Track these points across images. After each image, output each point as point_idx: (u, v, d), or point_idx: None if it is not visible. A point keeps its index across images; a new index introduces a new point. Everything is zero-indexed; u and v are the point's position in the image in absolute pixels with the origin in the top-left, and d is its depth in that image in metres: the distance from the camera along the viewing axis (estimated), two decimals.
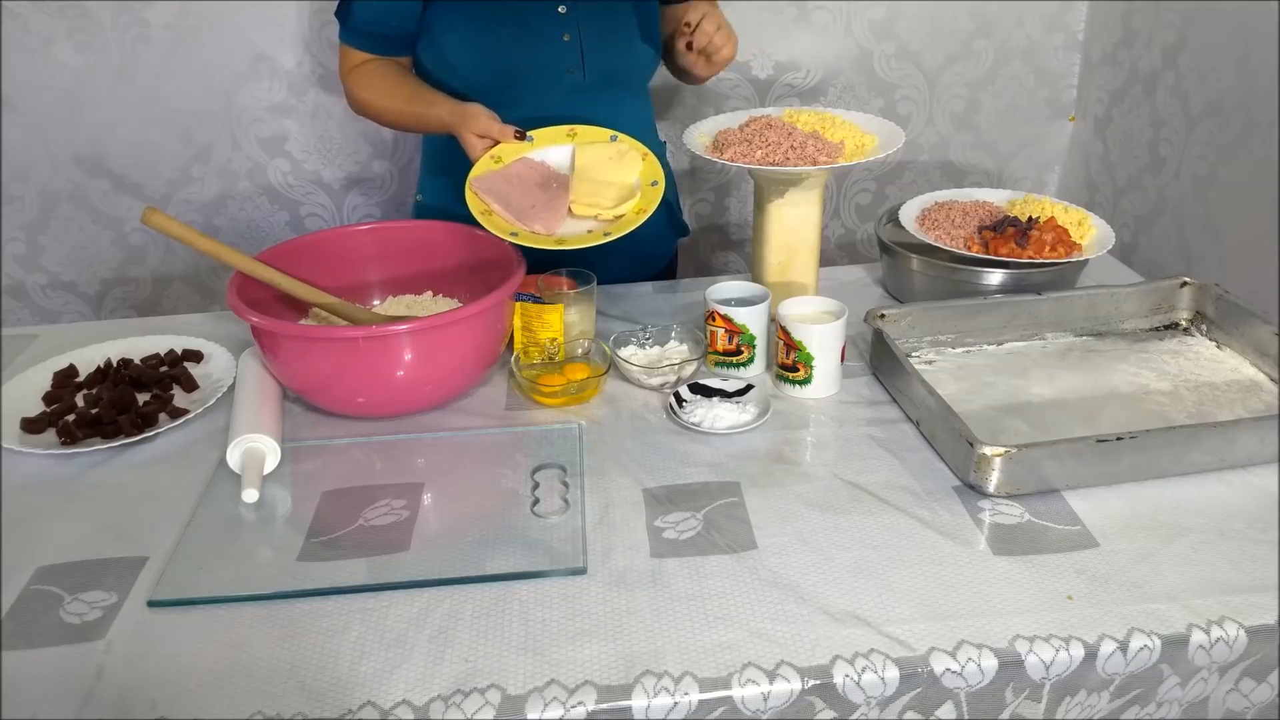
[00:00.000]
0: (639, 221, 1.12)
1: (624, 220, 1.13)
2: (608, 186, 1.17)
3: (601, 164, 1.20)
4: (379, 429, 1.06)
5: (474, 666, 0.75)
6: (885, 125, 1.22)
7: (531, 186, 1.18)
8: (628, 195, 1.16)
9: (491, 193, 1.15)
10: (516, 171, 1.19)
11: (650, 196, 1.15)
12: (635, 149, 1.21)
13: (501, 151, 1.19)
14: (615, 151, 1.21)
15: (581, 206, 1.16)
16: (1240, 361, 1.14)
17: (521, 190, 1.17)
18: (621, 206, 1.15)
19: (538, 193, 1.17)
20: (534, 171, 1.20)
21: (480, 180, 1.16)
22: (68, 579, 0.85)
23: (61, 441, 1.04)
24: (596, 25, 1.27)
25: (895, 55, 1.96)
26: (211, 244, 1.06)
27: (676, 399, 1.08)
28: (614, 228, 1.12)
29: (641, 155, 1.20)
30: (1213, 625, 0.78)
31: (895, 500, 0.93)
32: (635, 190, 1.17)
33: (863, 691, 0.74)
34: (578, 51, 1.27)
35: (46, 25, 1.71)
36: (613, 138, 1.22)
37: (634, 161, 1.20)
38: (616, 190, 1.17)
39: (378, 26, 1.28)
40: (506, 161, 1.19)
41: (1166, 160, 1.74)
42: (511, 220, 1.14)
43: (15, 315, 1.94)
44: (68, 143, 1.81)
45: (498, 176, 1.17)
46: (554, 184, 1.19)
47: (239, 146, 1.86)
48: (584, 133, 1.23)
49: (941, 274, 1.26)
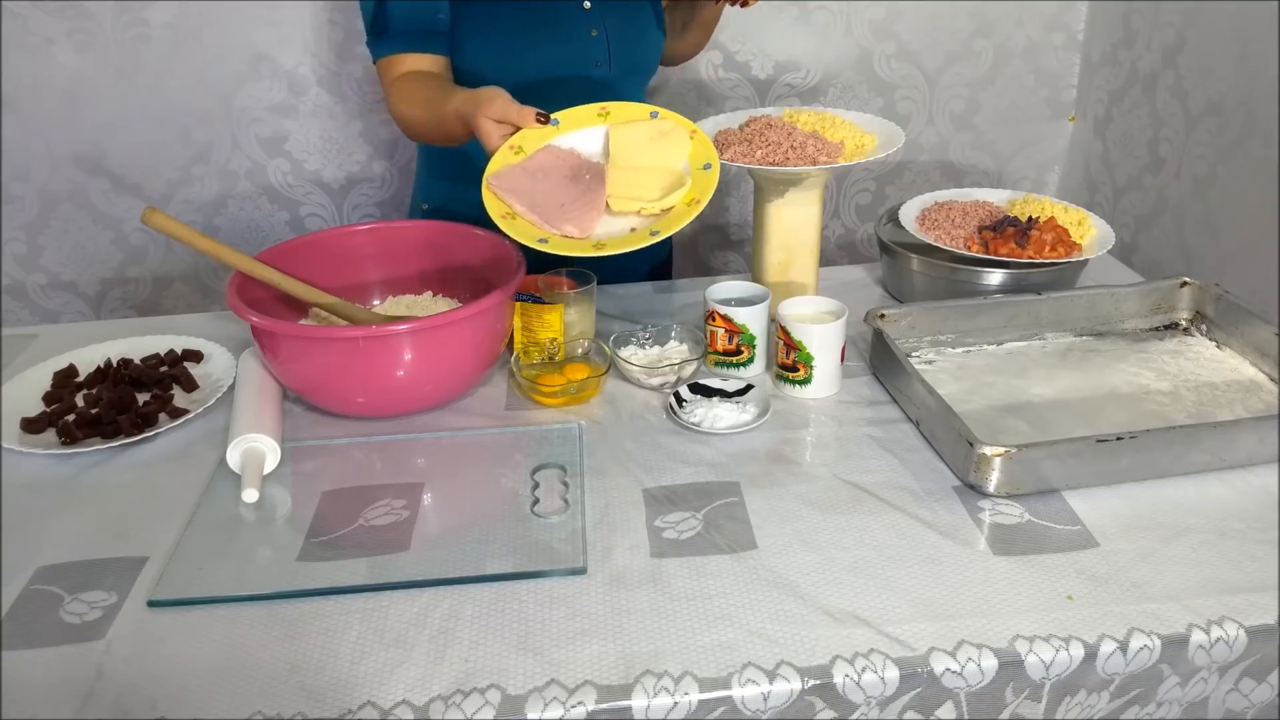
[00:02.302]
0: (691, 215, 0.96)
1: (673, 214, 0.97)
2: (649, 174, 1.01)
3: (641, 146, 1.03)
4: (379, 429, 1.06)
5: (474, 666, 0.75)
6: (885, 125, 1.22)
7: (560, 180, 1.02)
8: (675, 183, 1.00)
9: (513, 191, 1.00)
10: (541, 163, 1.03)
11: (703, 183, 0.98)
12: (682, 125, 1.04)
13: (523, 140, 1.03)
14: (656, 130, 1.03)
15: (620, 200, 1.00)
16: (1240, 361, 1.14)
17: (549, 185, 1.02)
18: (669, 197, 0.99)
19: (568, 187, 1.02)
20: (562, 162, 1.04)
21: (499, 177, 1.01)
22: (68, 579, 0.85)
23: (61, 441, 1.04)
24: (619, 18, 1.29)
25: (895, 55, 1.96)
26: (211, 244, 1.06)
27: (676, 399, 1.08)
28: (662, 224, 0.95)
29: (690, 133, 1.03)
30: (1213, 625, 0.78)
31: (895, 500, 0.93)
32: (684, 176, 1.01)
33: (863, 691, 0.74)
34: (604, 46, 1.28)
35: (46, 25, 1.71)
36: (654, 114, 1.05)
37: (680, 141, 1.03)
38: (661, 177, 1.01)
39: (417, 22, 1.22)
40: (529, 152, 1.03)
41: (1166, 160, 1.74)
42: (539, 223, 0.98)
43: (15, 315, 1.94)
44: (68, 143, 1.81)
45: (519, 171, 1.02)
46: (587, 175, 1.03)
47: (239, 146, 1.87)
48: (618, 110, 1.06)
49: (941, 274, 1.26)
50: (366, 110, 1.88)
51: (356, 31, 1.80)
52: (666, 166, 1.02)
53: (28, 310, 1.95)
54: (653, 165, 1.02)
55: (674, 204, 0.99)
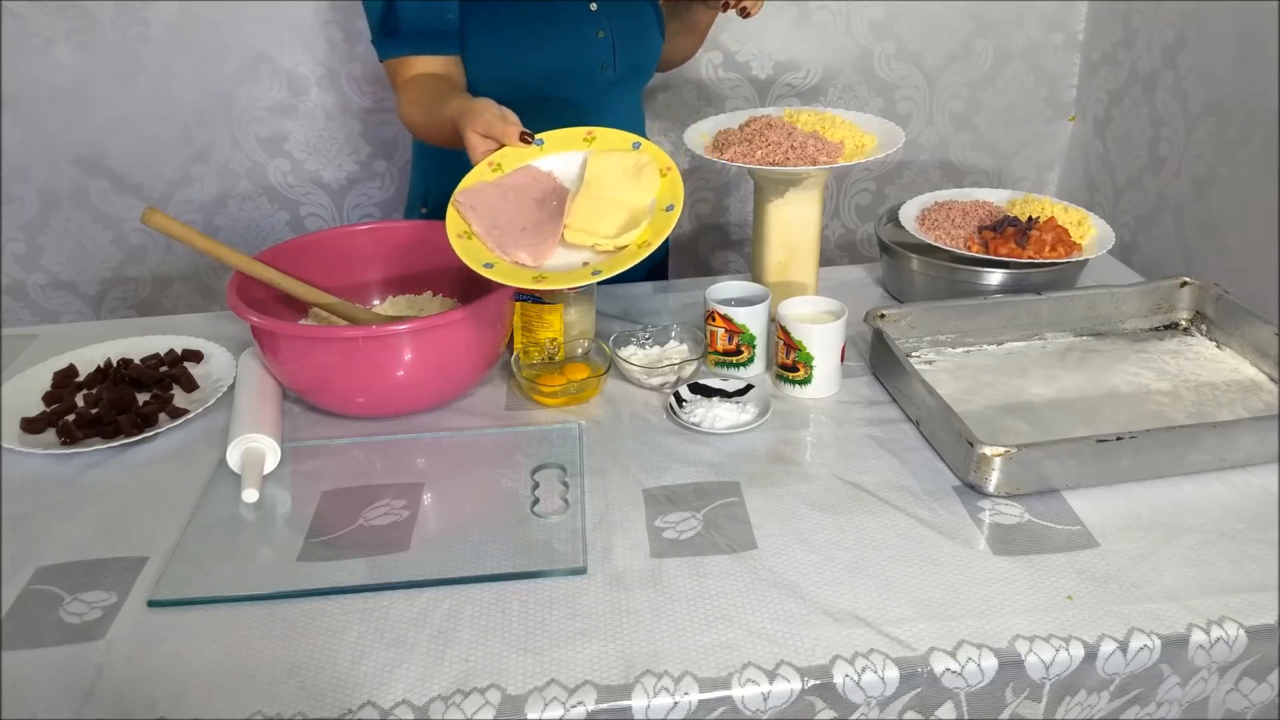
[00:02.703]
0: (640, 257, 0.95)
1: (621, 255, 0.96)
2: (614, 208, 1.00)
3: (616, 178, 1.02)
4: (379, 429, 1.06)
5: (474, 666, 0.75)
6: (885, 125, 1.22)
7: (528, 203, 1.02)
8: (637, 219, 0.99)
9: (479, 209, 0.99)
10: (516, 182, 1.03)
11: (661, 224, 0.98)
12: (657, 160, 1.03)
13: (503, 158, 1.03)
14: (635, 163, 1.03)
15: (576, 234, 0.99)
16: (1240, 361, 1.14)
17: (515, 207, 1.01)
18: (625, 236, 0.98)
19: (532, 211, 1.01)
20: (535, 184, 1.04)
21: (468, 194, 1.01)
22: (68, 579, 0.85)
23: (61, 441, 1.04)
24: (623, 19, 1.29)
25: (895, 55, 1.96)
26: (211, 244, 1.06)
27: (676, 399, 1.08)
28: (604, 265, 0.95)
29: (662, 170, 1.02)
30: (1213, 625, 0.78)
31: (895, 500, 0.93)
32: (648, 213, 1.00)
33: (863, 691, 0.74)
34: (610, 47, 1.28)
35: (46, 25, 1.71)
36: (635, 145, 1.05)
37: (653, 178, 1.02)
38: (624, 213, 1.00)
39: (427, 22, 1.21)
40: (507, 170, 1.03)
41: (1166, 160, 1.74)
42: (492, 247, 0.98)
43: (15, 315, 1.94)
44: (68, 143, 1.81)
45: (491, 189, 1.01)
46: (553, 202, 1.03)
47: (239, 146, 1.87)
48: (603, 137, 1.06)
49: (941, 274, 1.26)
50: (366, 110, 1.88)
51: (356, 31, 1.80)
52: (634, 201, 1.01)
53: (28, 310, 1.95)
54: (621, 198, 1.01)
55: (627, 244, 0.98)
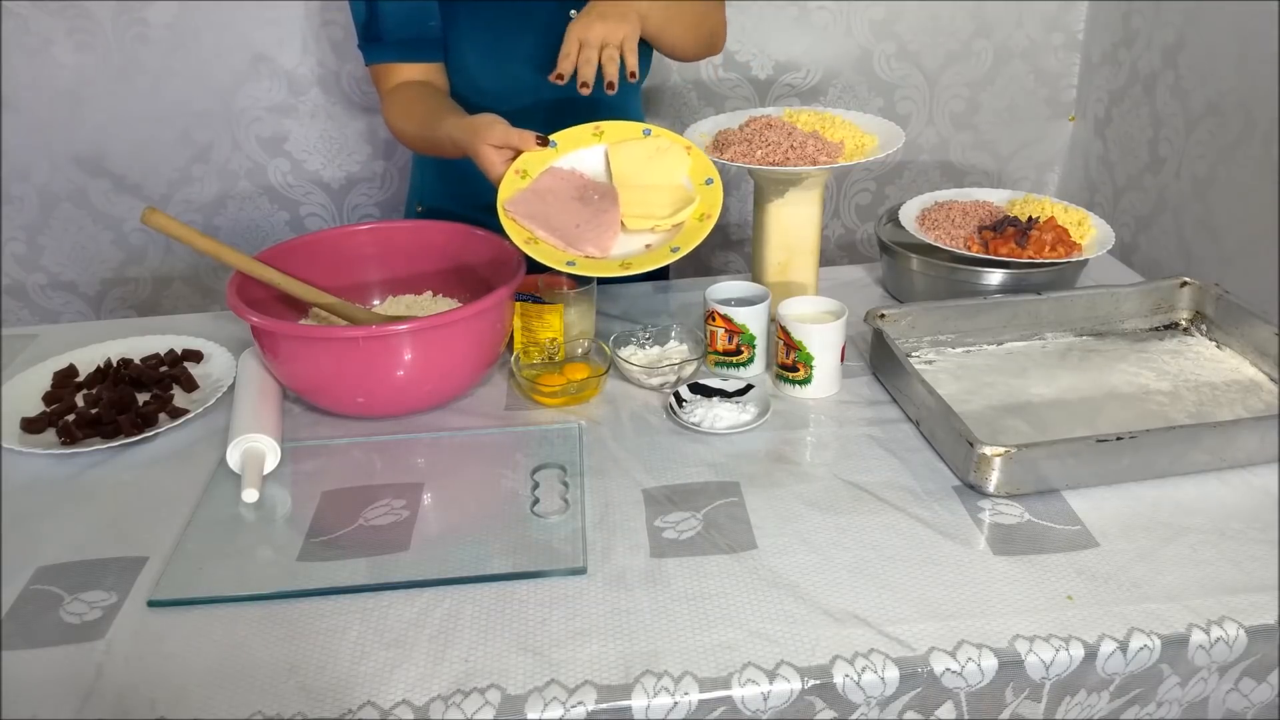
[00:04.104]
0: (705, 230, 0.98)
1: (687, 230, 0.99)
2: (655, 191, 1.03)
3: (641, 165, 1.06)
4: (379, 429, 1.06)
5: (474, 666, 0.75)
6: (885, 125, 1.22)
7: (569, 201, 1.04)
8: (681, 198, 1.03)
9: (529, 216, 1.01)
10: (547, 186, 1.05)
11: (710, 198, 1.02)
12: (676, 142, 1.07)
13: (525, 164, 1.05)
14: (653, 148, 1.07)
15: (634, 219, 1.02)
16: (1240, 361, 1.14)
17: (558, 207, 1.03)
18: (679, 214, 1.02)
19: (578, 208, 1.03)
20: (566, 183, 1.06)
21: (513, 203, 1.02)
22: (68, 579, 0.85)
23: (61, 441, 1.04)
24: None
25: (895, 55, 1.96)
26: (211, 244, 1.06)
27: (676, 399, 1.08)
28: (680, 240, 0.98)
29: (685, 149, 1.06)
30: (1213, 625, 0.78)
31: (895, 500, 0.93)
32: (689, 192, 1.04)
33: (863, 691, 0.74)
34: None
35: (46, 25, 1.71)
36: (646, 131, 1.08)
37: (678, 158, 1.06)
38: (665, 194, 1.03)
39: (409, 29, 1.22)
40: (533, 175, 1.04)
41: (1166, 160, 1.74)
42: (561, 246, 1.00)
43: (15, 315, 1.94)
44: (68, 143, 1.81)
45: (530, 195, 1.03)
46: (595, 195, 1.05)
47: (239, 146, 1.86)
48: (611, 130, 1.09)
49: (941, 274, 1.26)
50: (366, 110, 1.88)
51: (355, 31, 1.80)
52: (668, 182, 1.04)
53: (28, 310, 1.95)
54: (656, 183, 1.04)
55: (684, 219, 1.01)
